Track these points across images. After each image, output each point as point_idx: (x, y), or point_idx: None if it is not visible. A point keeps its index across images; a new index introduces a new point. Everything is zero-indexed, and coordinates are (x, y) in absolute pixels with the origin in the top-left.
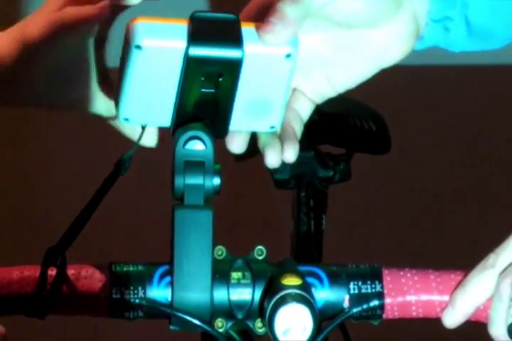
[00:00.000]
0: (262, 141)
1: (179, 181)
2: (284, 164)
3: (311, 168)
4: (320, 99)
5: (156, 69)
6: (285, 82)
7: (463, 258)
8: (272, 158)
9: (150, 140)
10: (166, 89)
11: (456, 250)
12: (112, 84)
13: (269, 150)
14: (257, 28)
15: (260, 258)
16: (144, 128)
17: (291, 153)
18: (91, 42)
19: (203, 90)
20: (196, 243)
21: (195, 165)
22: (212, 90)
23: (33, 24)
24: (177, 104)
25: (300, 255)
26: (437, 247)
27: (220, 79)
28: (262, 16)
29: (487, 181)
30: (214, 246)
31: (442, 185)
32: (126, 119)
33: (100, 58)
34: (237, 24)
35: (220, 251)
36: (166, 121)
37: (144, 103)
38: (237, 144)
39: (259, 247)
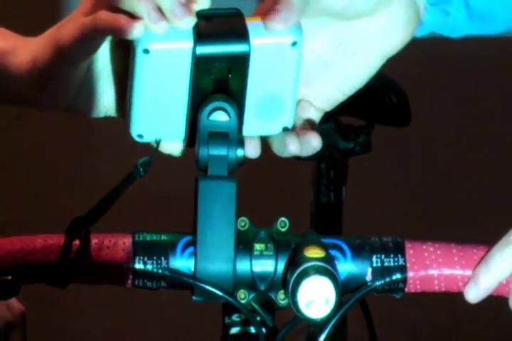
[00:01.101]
0: (277, 139)
1: (203, 152)
2: None
3: (332, 139)
4: (329, 106)
5: (165, 74)
6: (293, 73)
7: (477, 232)
8: (294, 145)
9: (176, 148)
10: (177, 95)
11: (470, 224)
12: None
13: (289, 140)
14: (262, 19)
15: (283, 230)
16: (158, 143)
17: (316, 142)
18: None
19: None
20: (220, 214)
21: (219, 136)
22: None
23: (65, 27)
24: (190, 112)
25: (319, 226)
26: (453, 222)
27: (230, 76)
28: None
29: (507, 156)
30: (237, 217)
31: (462, 159)
32: (140, 136)
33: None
34: (241, 19)
35: (243, 222)
36: (180, 134)
37: (156, 114)
38: (252, 149)
39: (282, 219)
